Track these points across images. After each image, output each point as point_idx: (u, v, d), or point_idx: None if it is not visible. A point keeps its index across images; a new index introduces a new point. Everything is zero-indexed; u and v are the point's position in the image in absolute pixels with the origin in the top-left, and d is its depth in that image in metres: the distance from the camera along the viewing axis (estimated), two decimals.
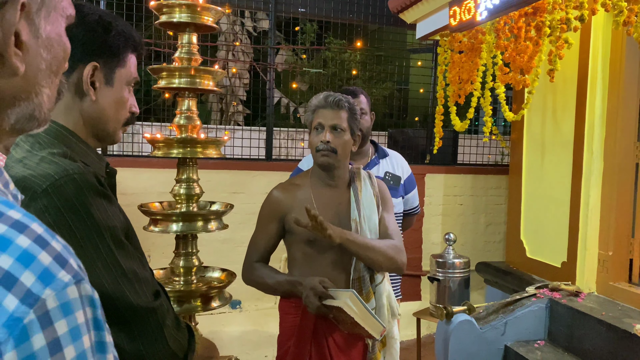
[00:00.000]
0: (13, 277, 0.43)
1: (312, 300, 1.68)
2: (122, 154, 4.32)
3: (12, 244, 0.44)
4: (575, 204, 3.20)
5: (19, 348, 0.42)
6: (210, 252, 3.31)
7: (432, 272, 3.41)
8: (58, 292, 0.45)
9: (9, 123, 0.55)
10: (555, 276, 3.27)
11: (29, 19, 0.53)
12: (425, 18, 3.71)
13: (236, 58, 7.19)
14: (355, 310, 1.64)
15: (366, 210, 1.85)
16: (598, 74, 3.07)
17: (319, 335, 1.80)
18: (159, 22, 2.12)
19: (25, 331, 0.42)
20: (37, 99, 0.56)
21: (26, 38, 0.53)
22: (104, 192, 1.05)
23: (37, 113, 0.57)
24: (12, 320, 0.42)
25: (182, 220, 2.11)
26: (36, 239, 0.46)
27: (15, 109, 0.55)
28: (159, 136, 2.14)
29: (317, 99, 1.85)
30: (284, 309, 1.91)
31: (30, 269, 0.44)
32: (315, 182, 1.88)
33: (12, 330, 0.42)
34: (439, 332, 2.85)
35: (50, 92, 0.58)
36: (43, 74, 0.56)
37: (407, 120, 6.94)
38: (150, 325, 1.05)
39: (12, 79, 0.53)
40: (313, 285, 1.69)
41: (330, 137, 1.79)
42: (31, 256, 0.44)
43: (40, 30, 0.55)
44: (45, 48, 0.56)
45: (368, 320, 1.68)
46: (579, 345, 2.78)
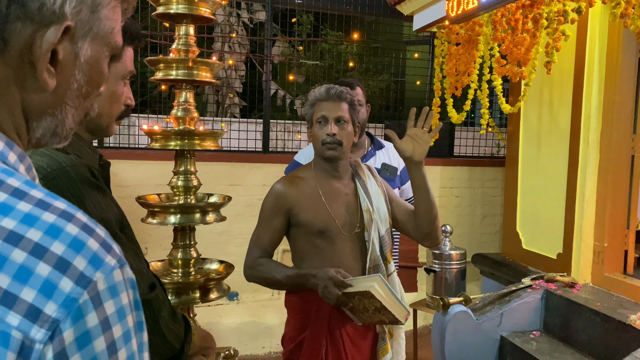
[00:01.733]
0: (67, 262, 0.46)
1: (332, 290, 1.65)
2: (119, 146, 4.30)
3: (62, 231, 0.48)
4: (571, 195, 3.22)
5: (76, 325, 0.46)
6: (207, 244, 3.31)
7: (429, 263, 3.42)
8: (107, 275, 0.49)
9: (35, 137, 0.58)
10: (551, 267, 3.30)
11: (72, 41, 0.56)
12: (423, 10, 3.70)
13: (232, 50, 7.15)
14: (382, 294, 1.62)
15: (375, 201, 1.87)
16: (595, 66, 3.07)
17: (333, 329, 1.79)
18: (156, 13, 2.11)
19: (80, 310, 0.46)
20: (61, 115, 0.59)
21: (63, 58, 0.55)
22: (97, 184, 1.04)
23: (59, 130, 0.60)
24: (69, 301, 0.46)
25: (180, 212, 2.11)
26: (83, 226, 0.49)
27: (41, 123, 0.58)
28: (157, 128, 2.13)
29: (319, 91, 1.84)
30: (292, 305, 1.89)
31: (82, 254, 0.48)
32: (319, 174, 1.87)
33: (69, 310, 0.45)
34: (436, 323, 2.87)
35: (75, 113, 0.61)
36: (72, 94, 0.59)
37: (403, 113, 6.94)
38: (146, 317, 1.05)
39: (42, 94, 0.56)
40: (331, 276, 1.66)
41: (336, 129, 1.79)
42: (81, 242, 0.48)
43: (80, 53, 0.57)
44: (81, 71, 0.58)
45: (394, 305, 1.66)
46: (574, 335, 2.81)
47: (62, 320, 0.45)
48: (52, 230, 0.47)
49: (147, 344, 0.55)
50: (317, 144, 1.83)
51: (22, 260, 0.45)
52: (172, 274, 2.19)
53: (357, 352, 1.83)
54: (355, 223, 1.84)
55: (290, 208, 1.83)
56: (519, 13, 2.89)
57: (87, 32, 0.57)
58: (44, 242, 0.46)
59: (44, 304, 0.45)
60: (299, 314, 1.86)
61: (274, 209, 1.85)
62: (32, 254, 0.46)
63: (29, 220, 0.47)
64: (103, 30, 0.59)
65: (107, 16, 0.59)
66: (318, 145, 1.82)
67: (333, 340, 1.79)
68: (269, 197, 1.87)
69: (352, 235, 1.83)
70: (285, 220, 1.84)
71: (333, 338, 1.79)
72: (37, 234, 0.47)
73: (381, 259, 1.84)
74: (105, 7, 0.59)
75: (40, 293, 0.45)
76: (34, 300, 0.45)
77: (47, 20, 0.53)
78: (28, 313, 0.45)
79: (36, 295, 0.45)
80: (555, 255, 3.35)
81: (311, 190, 1.84)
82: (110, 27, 0.60)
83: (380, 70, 7.53)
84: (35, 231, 0.47)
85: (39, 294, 0.45)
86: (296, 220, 1.83)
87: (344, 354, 1.79)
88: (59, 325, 0.45)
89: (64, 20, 0.54)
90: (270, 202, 1.86)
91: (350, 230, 1.84)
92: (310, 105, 1.86)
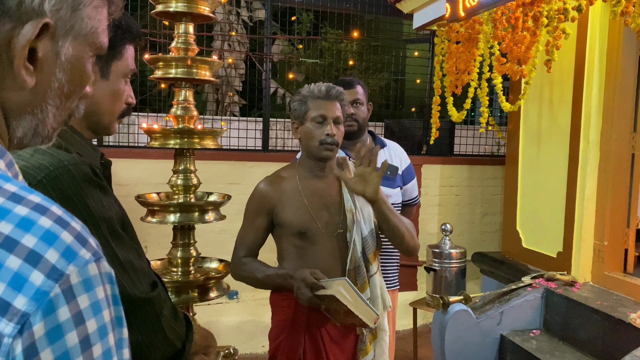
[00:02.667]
0: (38, 255, 0.46)
1: (304, 292, 1.67)
2: (118, 144, 4.30)
3: (35, 224, 0.47)
4: (571, 194, 3.22)
5: (47, 319, 0.45)
6: (206, 243, 3.31)
7: (429, 262, 3.42)
8: (80, 269, 0.48)
9: (16, 136, 0.58)
10: (551, 266, 3.29)
11: (52, 39, 0.56)
12: (422, 8, 3.69)
13: (232, 48, 7.14)
14: (348, 298, 1.62)
15: (360, 201, 1.84)
16: (595, 64, 3.07)
17: (312, 328, 1.79)
18: (155, 11, 2.10)
19: (51, 304, 0.45)
20: (41, 114, 0.58)
21: (43, 56, 0.55)
22: (99, 182, 1.04)
23: (40, 129, 0.59)
24: (39, 294, 0.45)
25: (180, 211, 2.11)
26: (57, 219, 0.49)
27: (21, 122, 0.57)
28: (156, 127, 2.13)
29: (317, 89, 1.81)
30: (276, 303, 1.90)
31: (54, 247, 0.47)
32: (302, 173, 1.85)
33: (40, 303, 0.45)
34: (435, 321, 2.87)
35: (57, 113, 0.60)
36: (53, 93, 0.58)
37: (403, 111, 6.94)
38: (148, 316, 1.05)
39: (21, 92, 0.55)
40: (304, 277, 1.67)
41: (335, 130, 1.78)
42: (54, 235, 0.47)
43: (61, 52, 0.57)
44: (62, 70, 0.58)
45: (361, 308, 1.66)
46: (574, 334, 2.81)
47: (32, 314, 0.44)
48: (24, 223, 0.47)
49: (126, 341, 0.54)
50: (313, 143, 1.79)
51: None
52: (171, 272, 2.19)
53: (340, 351, 1.82)
54: (338, 223, 1.82)
55: (272, 208, 1.83)
56: (519, 11, 2.88)
57: (69, 30, 0.57)
58: (15, 235, 0.46)
59: (14, 298, 0.44)
60: (280, 312, 1.87)
61: (257, 209, 1.85)
62: (2, 247, 0.45)
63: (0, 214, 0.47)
64: (85, 30, 0.59)
65: (90, 15, 0.59)
66: (314, 144, 1.79)
67: (312, 339, 1.79)
68: (252, 197, 1.87)
69: (335, 236, 1.82)
70: (268, 220, 1.85)
71: (312, 337, 1.79)
72: (8, 227, 0.46)
73: (362, 260, 1.82)
74: (88, 7, 0.58)
75: (10, 286, 0.44)
76: (2, 294, 0.44)
77: (25, 17, 0.53)
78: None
79: (5, 289, 0.44)
80: (556, 253, 3.34)
81: (293, 190, 1.83)
82: (93, 26, 0.60)
83: (380, 69, 7.52)
84: (6, 224, 0.46)
85: (8, 287, 0.44)
86: (278, 220, 1.83)
87: (324, 353, 1.79)
88: (28, 318, 0.44)
89: (43, 17, 0.54)
90: (253, 202, 1.87)
91: (332, 231, 1.82)
92: (302, 102, 1.82)
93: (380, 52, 6.63)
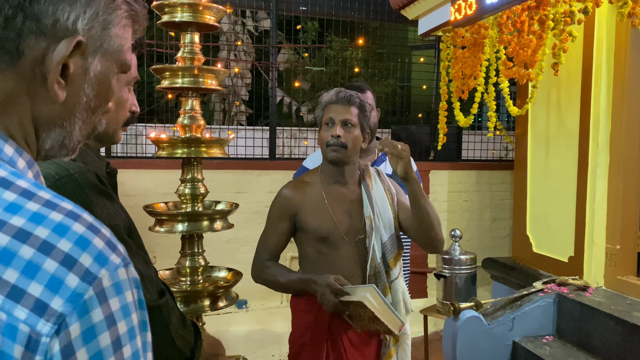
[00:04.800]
0: (73, 259, 0.48)
1: (329, 298, 1.66)
2: (126, 155, 4.32)
3: (69, 230, 0.49)
4: (581, 197, 3.18)
5: (82, 320, 0.47)
6: (215, 251, 3.31)
7: (439, 268, 3.39)
8: (111, 273, 0.50)
9: (44, 148, 0.61)
10: (563, 271, 3.26)
11: (83, 56, 0.59)
12: (427, 14, 3.69)
13: (238, 58, 7.18)
14: (375, 305, 1.62)
15: (379, 206, 1.84)
16: (603, 66, 3.05)
17: (334, 333, 1.79)
18: (161, 22, 2.11)
19: (86, 305, 0.47)
20: (69, 127, 0.61)
21: (74, 71, 0.58)
22: (105, 190, 1.04)
23: (67, 141, 0.62)
24: (74, 296, 0.47)
25: (188, 220, 2.10)
26: (89, 226, 0.51)
27: (50, 134, 0.60)
28: (164, 136, 2.13)
29: (328, 95, 1.84)
30: (297, 307, 1.90)
31: (88, 252, 0.49)
32: (325, 179, 1.86)
33: (75, 305, 0.47)
34: (447, 328, 2.84)
35: (83, 126, 0.63)
36: (81, 107, 0.61)
37: (409, 117, 6.92)
38: (156, 323, 1.05)
39: (52, 106, 0.58)
40: (329, 283, 1.67)
41: (341, 131, 1.78)
42: (87, 240, 0.50)
43: (90, 68, 0.60)
44: (90, 85, 0.61)
45: (387, 315, 1.66)
46: (587, 340, 2.77)
47: (68, 315, 0.46)
48: (60, 229, 0.49)
49: (150, 344, 0.56)
50: (323, 146, 1.82)
51: (30, 256, 0.47)
52: (180, 282, 2.18)
53: (361, 357, 1.81)
54: (358, 229, 1.83)
55: (295, 213, 1.84)
56: (524, 15, 2.87)
57: (98, 48, 0.60)
58: (51, 239, 0.48)
59: (51, 299, 0.46)
60: (302, 316, 1.87)
61: (280, 213, 1.87)
62: (40, 250, 0.47)
63: (37, 219, 0.49)
64: (113, 47, 0.62)
65: (118, 34, 0.62)
66: (323, 147, 1.82)
67: (334, 345, 1.79)
68: (276, 201, 1.89)
69: (355, 241, 1.82)
70: (291, 224, 1.86)
71: (334, 343, 1.79)
72: (45, 231, 0.48)
73: (383, 265, 1.82)
74: (116, 26, 0.61)
75: (47, 288, 0.46)
76: (41, 295, 0.46)
77: (60, 36, 0.56)
78: (35, 307, 0.46)
79: (43, 290, 0.46)
80: (567, 258, 3.31)
81: (316, 195, 1.84)
82: (120, 44, 0.63)
83: (386, 76, 7.52)
84: (43, 229, 0.48)
85: (45, 288, 0.46)
86: (300, 225, 1.84)
87: (345, 359, 1.78)
88: (65, 319, 0.46)
89: (76, 35, 0.57)
90: (276, 206, 1.88)
91: (353, 237, 1.83)
92: (321, 109, 1.86)
93: (386, 59, 6.63)
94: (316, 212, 1.81)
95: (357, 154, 1.86)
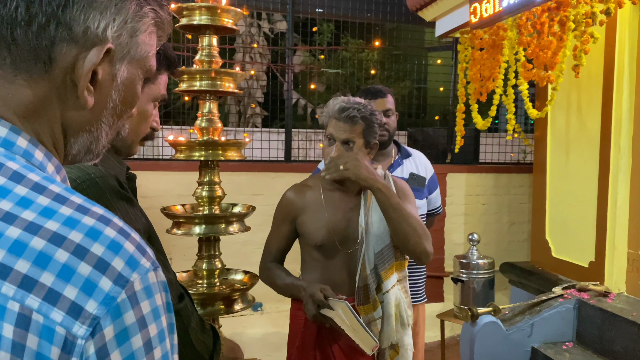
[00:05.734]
0: (106, 262, 0.49)
1: (310, 308, 1.66)
2: (143, 157, 4.35)
3: (101, 234, 0.50)
4: (602, 201, 3.13)
5: (115, 322, 0.48)
6: (231, 254, 3.31)
7: (456, 273, 3.36)
8: (142, 276, 0.51)
9: (71, 153, 0.62)
10: (583, 276, 3.20)
11: (111, 63, 0.60)
12: (445, 15, 3.66)
13: (254, 60, 7.20)
14: (346, 322, 1.61)
15: (375, 216, 1.78)
16: (625, 68, 2.99)
17: (324, 341, 1.77)
18: (179, 25, 2.12)
19: (119, 308, 0.48)
20: (96, 132, 0.63)
21: (102, 78, 0.59)
22: (125, 195, 1.04)
23: (93, 146, 0.64)
24: (108, 299, 0.48)
25: (205, 222, 2.10)
26: (119, 230, 0.52)
27: (78, 139, 0.62)
28: (182, 139, 2.14)
29: (332, 106, 1.77)
30: (294, 311, 1.91)
31: (120, 256, 0.50)
32: (326, 185, 1.84)
33: (108, 307, 0.48)
34: (464, 334, 2.80)
35: (109, 131, 0.64)
36: (108, 112, 0.62)
37: (426, 119, 6.88)
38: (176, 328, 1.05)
39: (81, 111, 0.59)
40: (312, 293, 1.66)
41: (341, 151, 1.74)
42: (118, 245, 0.50)
43: (118, 74, 0.61)
44: (117, 91, 0.62)
45: (359, 334, 1.62)
46: (609, 346, 2.71)
47: (103, 317, 0.47)
48: (92, 233, 0.50)
49: (177, 346, 0.57)
50: (325, 160, 1.80)
51: (65, 259, 0.48)
52: (197, 285, 2.18)
53: None
54: (355, 238, 1.79)
55: (296, 216, 1.84)
56: (544, 16, 2.83)
57: (125, 55, 0.61)
58: (85, 243, 0.49)
59: (85, 302, 0.47)
60: (296, 321, 1.87)
61: (282, 216, 1.88)
62: (74, 254, 0.48)
63: (70, 223, 0.50)
64: (139, 54, 0.63)
65: (144, 41, 0.63)
66: (325, 161, 1.79)
67: (323, 353, 1.77)
68: (279, 204, 1.91)
69: (350, 252, 1.79)
70: (292, 228, 1.86)
71: (323, 350, 1.77)
72: (79, 235, 0.49)
73: (374, 277, 1.76)
74: (143, 33, 0.62)
75: (82, 291, 0.47)
76: (76, 298, 0.47)
77: (90, 43, 0.57)
78: (70, 310, 0.47)
79: (78, 293, 0.47)
80: (587, 263, 3.25)
81: (316, 201, 1.82)
82: (146, 51, 0.64)
83: (402, 78, 7.49)
84: (77, 233, 0.49)
85: (80, 292, 0.47)
86: (300, 230, 1.85)
87: None
88: (99, 322, 0.47)
89: (106, 43, 0.58)
90: (279, 209, 1.90)
91: (349, 246, 1.79)
92: (325, 117, 1.82)
93: (402, 61, 6.60)
94: (314, 218, 1.80)
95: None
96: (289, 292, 1.85)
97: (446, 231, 4.54)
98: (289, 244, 1.90)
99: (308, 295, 1.67)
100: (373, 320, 1.75)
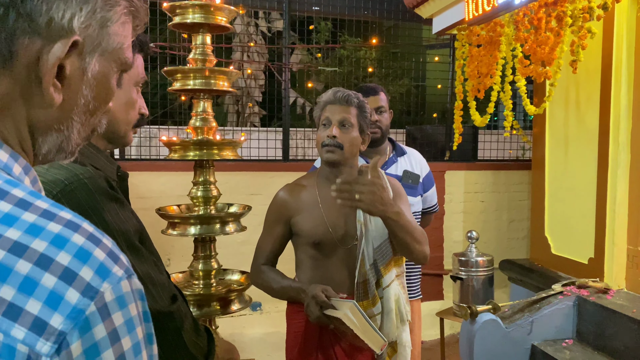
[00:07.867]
0: (73, 273, 0.45)
1: (313, 310, 1.63)
2: (140, 157, 4.33)
3: (68, 242, 0.47)
4: (601, 198, 3.11)
5: (84, 338, 0.45)
6: (228, 254, 3.29)
7: (455, 270, 3.34)
8: (114, 286, 0.47)
9: (41, 152, 0.58)
10: (582, 273, 3.19)
11: (80, 56, 0.56)
12: (442, 12, 3.64)
13: (251, 59, 7.19)
14: (355, 323, 1.58)
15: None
16: (623, 63, 2.98)
17: (325, 343, 1.75)
18: (173, 23, 2.11)
19: (87, 322, 0.45)
20: (67, 131, 0.58)
21: (70, 73, 0.55)
22: (115, 195, 1.03)
23: (65, 145, 0.59)
24: (75, 312, 0.44)
25: (200, 223, 2.09)
26: (89, 236, 0.48)
27: (47, 138, 0.58)
28: (175, 139, 2.12)
29: (326, 94, 1.79)
30: (291, 314, 1.87)
31: (88, 265, 0.46)
32: (321, 182, 1.81)
33: (76, 322, 0.44)
34: (464, 332, 2.79)
35: (82, 129, 0.60)
36: (79, 109, 0.58)
37: (424, 117, 6.87)
38: (169, 330, 1.03)
39: (48, 109, 0.55)
40: (315, 294, 1.63)
41: (337, 132, 1.72)
42: (87, 252, 0.47)
43: (88, 68, 0.57)
44: (88, 86, 0.58)
45: (368, 334, 1.61)
46: (609, 343, 2.70)
47: (69, 333, 0.44)
48: (58, 241, 0.46)
49: (157, 357, 0.54)
50: (319, 147, 1.77)
51: (26, 271, 0.44)
52: (193, 285, 2.17)
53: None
54: (353, 235, 1.77)
55: (290, 217, 1.81)
56: (541, 12, 2.81)
57: (96, 47, 0.57)
58: (50, 252, 0.45)
59: (50, 316, 0.44)
60: (295, 324, 1.84)
61: (275, 217, 1.83)
62: (37, 265, 0.45)
63: (34, 231, 0.46)
64: (112, 46, 0.58)
65: (117, 32, 0.59)
66: (319, 148, 1.77)
67: (325, 355, 1.75)
68: (272, 205, 1.85)
69: (349, 248, 1.77)
70: (286, 228, 1.82)
71: (325, 352, 1.75)
72: (42, 244, 0.46)
73: (374, 273, 1.75)
74: (115, 23, 0.58)
75: (46, 305, 0.44)
76: (39, 313, 0.44)
77: (55, 35, 0.53)
78: (33, 326, 0.43)
79: (42, 307, 0.44)
80: (587, 260, 3.23)
81: (311, 199, 1.79)
82: (120, 42, 0.60)
83: (400, 75, 7.47)
84: (40, 241, 0.46)
85: (44, 305, 0.44)
86: (295, 230, 1.81)
87: None
88: (65, 337, 0.44)
89: (72, 35, 0.54)
90: (272, 211, 1.85)
91: (347, 243, 1.78)
92: (319, 109, 1.81)
93: (400, 59, 6.58)
94: (310, 216, 1.77)
95: (354, 156, 1.80)
96: (287, 295, 1.81)
97: (445, 229, 4.52)
98: (282, 246, 1.87)
99: (310, 297, 1.64)
100: (372, 316, 1.74)
